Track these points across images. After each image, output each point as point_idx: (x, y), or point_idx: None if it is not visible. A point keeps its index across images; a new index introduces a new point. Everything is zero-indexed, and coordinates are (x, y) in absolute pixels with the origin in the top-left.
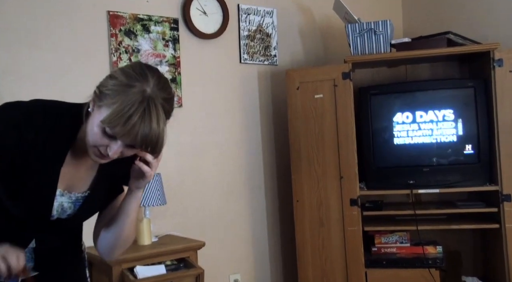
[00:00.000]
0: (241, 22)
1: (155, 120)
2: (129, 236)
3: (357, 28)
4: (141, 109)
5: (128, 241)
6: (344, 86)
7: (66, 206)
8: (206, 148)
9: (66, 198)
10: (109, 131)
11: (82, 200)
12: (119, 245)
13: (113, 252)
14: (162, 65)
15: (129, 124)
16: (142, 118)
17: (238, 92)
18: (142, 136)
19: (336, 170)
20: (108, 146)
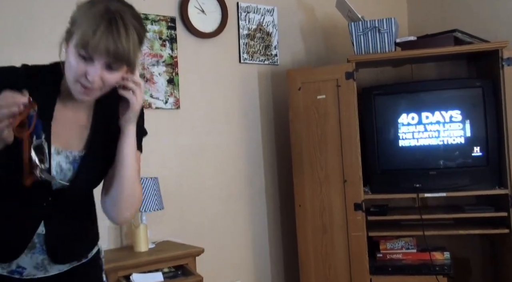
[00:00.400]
0: (241, 20)
1: (123, 32)
2: (132, 189)
3: (360, 27)
4: (106, 22)
5: (132, 196)
6: (347, 87)
7: (65, 167)
8: (205, 150)
9: (63, 157)
10: (82, 52)
11: (80, 160)
12: (122, 201)
13: (119, 212)
14: (159, 65)
15: (96, 37)
16: (109, 30)
17: (238, 93)
18: (113, 49)
19: (339, 174)
20: (87, 74)
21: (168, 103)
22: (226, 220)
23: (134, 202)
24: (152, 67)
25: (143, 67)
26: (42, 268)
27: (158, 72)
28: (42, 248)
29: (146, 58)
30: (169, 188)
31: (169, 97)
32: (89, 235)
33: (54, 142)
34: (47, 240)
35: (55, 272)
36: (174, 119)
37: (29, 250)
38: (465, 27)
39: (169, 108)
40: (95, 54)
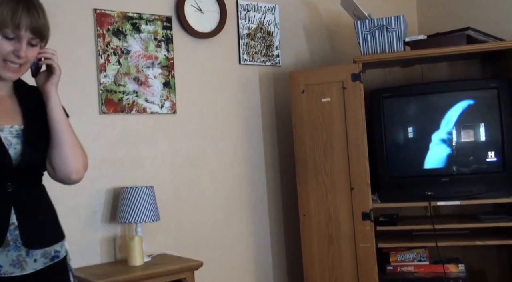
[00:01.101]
0: (240, 19)
1: (40, 11)
2: (73, 141)
3: (367, 25)
4: (23, 3)
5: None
6: (354, 89)
7: (13, 141)
8: (203, 157)
9: (7, 133)
10: (7, 31)
11: (22, 132)
12: (69, 153)
13: (71, 164)
14: (154, 67)
15: (19, 16)
16: (28, 10)
17: (238, 97)
18: (35, 26)
19: (346, 181)
20: (14, 51)
21: (164, 108)
22: (226, 231)
23: (80, 152)
24: (146, 70)
25: (137, 69)
26: (19, 266)
27: (153, 75)
28: (15, 244)
29: (140, 60)
30: (165, 198)
31: (165, 101)
32: (57, 224)
33: None
34: (21, 227)
35: (30, 270)
36: (170, 124)
37: (4, 248)
38: (478, 25)
39: (165, 113)
40: (21, 32)
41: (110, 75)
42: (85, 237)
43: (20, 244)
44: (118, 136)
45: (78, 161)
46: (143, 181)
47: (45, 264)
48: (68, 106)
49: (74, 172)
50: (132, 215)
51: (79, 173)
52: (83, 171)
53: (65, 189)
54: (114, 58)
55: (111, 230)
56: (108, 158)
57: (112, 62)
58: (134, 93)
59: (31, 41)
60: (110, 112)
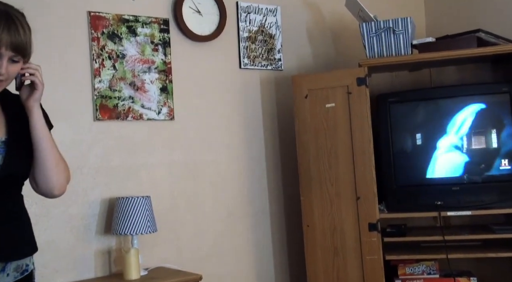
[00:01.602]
0: (241, 22)
1: (20, 28)
2: (55, 156)
3: (373, 27)
4: (3, 19)
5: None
6: (359, 94)
7: None
8: (202, 166)
9: None
10: None
11: (4, 144)
12: (53, 168)
13: (49, 182)
14: (151, 72)
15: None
16: (8, 27)
17: (238, 102)
18: (16, 43)
19: (351, 190)
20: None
21: (161, 114)
22: (227, 243)
23: (63, 167)
24: (143, 74)
25: (133, 74)
26: None
27: (150, 80)
28: None
29: (136, 65)
30: (162, 208)
31: (162, 107)
32: (33, 236)
33: None
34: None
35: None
36: (167, 131)
37: None
38: (489, 27)
39: (162, 120)
40: (1, 49)
41: (105, 80)
42: (78, 249)
43: None
44: (113, 144)
45: (61, 177)
46: (140, 190)
47: (16, 278)
48: (61, 113)
49: (57, 188)
50: (128, 227)
51: (61, 188)
52: (65, 185)
53: (58, 199)
54: (109, 63)
55: (105, 242)
56: (103, 167)
57: (107, 66)
58: (130, 99)
59: (12, 58)
60: (105, 119)
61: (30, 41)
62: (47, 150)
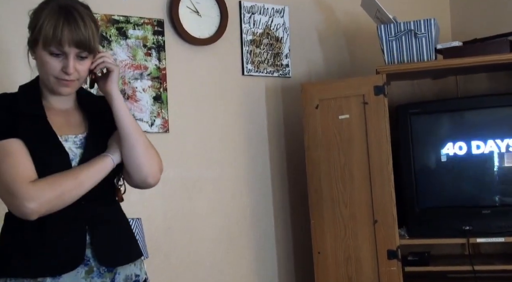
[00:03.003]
0: (244, 23)
1: (80, 22)
2: (144, 144)
3: (392, 30)
4: (63, 16)
5: (148, 151)
6: (377, 104)
7: (76, 151)
8: (200, 185)
9: (71, 143)
10: (53, 49)
11: (85, 140)
12: (139, 160)
13: (141, 170)
14: (143, 79)
15: (60, 31)
16: (68, 22)
17: (241, 113)
18: (77, 39)
19: (368, 213)
20: (63, 68)
21: (154, 126)
22: (227, 272)
23: (154, 153)
24: (134, 82)
25: (124, 81)
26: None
27: (142, 88)
28: (98, 270)
29: (127, 71)
30: (155, 232)
31: (156, 118)
32: (134, 241)
33: (58, 133)
34: (95, 244)
35: None
36: (161, 145)
37: (87, 274)
38: None
39: (156, 132)
40: (65, 47)
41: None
42: None
43: (97, 264)
44: None
45: (153, 163)
46: (129, 212)
47: None
48: None
49: (150, 176)
50: None
51: (155, 176)
52: (159, 174)
53: None
54: None
55: None
56: None
57: None
58: None
59: (80, 55)
60: None
61: (95, 35)
62: (134, 135)
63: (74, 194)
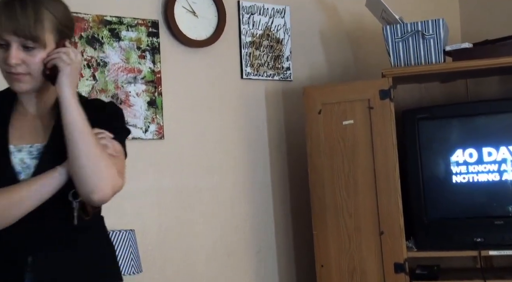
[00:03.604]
0: (243, 24)
1: (19, 7)
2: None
3: (398, 31)
4: (4, 2)
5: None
6: (383, 109)
7: (29, 161)
8: (196, 194)
9: (26, 154)
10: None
11: (42, 150)
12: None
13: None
14: (137, 83)
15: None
16: (6, 8)
17: (240, 118)
18: (15, 26)
19: (374, 223)
20: (6, 59)
21: (148, 133)
22: None
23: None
24: (127, 86)
25: (116, 85)
26: None
27: (136, 92)
28: None
29: (120, 74)
30: (149, 244)
31: (150, 124)
32: (103, 263)
33: (13, 141)
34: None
35: None
36: (156, 153)
37: None
38: None
39: (150, 139)
40: (5, 36)
41: (83, 92)
42: None
43: None
44: None
45: (101, 177)
46: (122, 223)
47: None
48: None
49: (95, 192)
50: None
51: (101, 192)
52: (107, 190)
53: None
54: (88, 72)
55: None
56: None
57: (85, 76)
58: None
59: (25, 45)
60: None
61: (38, 22)
62: (80, 143)
63: (11, 214)
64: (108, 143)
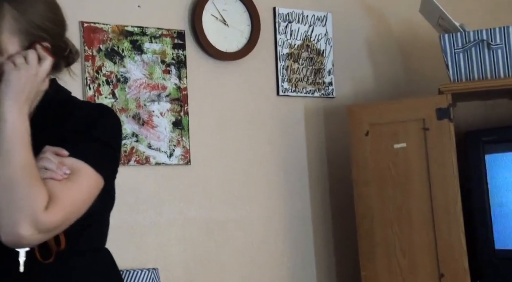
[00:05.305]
0: (279, 34)
1: None
2: (4, 176)
3: (459, 40)
4: None
5: (8, 188)
6: (440, 131)
7: None
8: (226, 227)
9: None
10: None
11: None
12: None
13: None
14: (161, 101)
15: None
16: None
17: (275, 141)
18: None
19: (432, 263)
20: None
21: (173, 157)
22: None
23: (20, 197)
24: (151, 104)
25: (138, 104)
26: None
27: (160, 111)
28: None
29: (142, 91)
30: None
31: (175, 147)
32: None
33: None
34: None
35: None
36: (182, 180)
37: None
38: None
39: (175, 164)
40: None
41: None
42: None
43: None
44: None
45: (11, 212)
46: (144, 260)
47: None
48: None
49: (4, 231)
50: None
51: (10, 232)
52: (18, 229)
53: None
54: (107, 89)
55: None
56: None
57: (104, 94)
58: (134, 137)
59: None
60: None
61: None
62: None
63: None
64: (50, 164)
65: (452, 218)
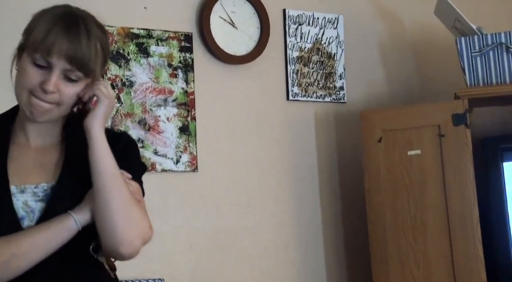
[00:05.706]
0: (289, 36)
1: (84, 34)
2: (122, 201)
3: (476, 43)
4: (63, 22)
5: (126, 210)
6: (456, 137)
7: (33, 204)
8: (234, 236)
9: (30, 195)
10: (37, 57)
11: (50, 191)
12: (110, 221)
13: (112, 235)
14: (168, 106)
15: (51, 36)
16: (66, 30)
17: (285, 147)
18: (71, 51)
19: (448, 275)
20: (42, 82)
21: (180, 164)
22: None
23: (134, 216)
24: (157, 109)
25: (144, 109)
26: None
27: (166, 116)
28: None
29: (148, 96)
30: None
31: (182, 154)
32: None
33: (15, 182)
34: None
35: None
36: (188, 187)
37: None
38: None
39: (182, 171)
40: (53, 58)
41: None
42: None
43: None
44: None
45: (132, 227)
46: (149, 271)
47: None
48: None
49: (125, 244)
50: None
51: (131, 245)
52: (137, 242)
53: None
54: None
55: None
56: None
57: None
58: (139, 143)
59: (68, 75)
60: None
61: (98, 56)
62: (108, 187)
63: (12, 266)
64: (129, 185)
65: (469, 228)
